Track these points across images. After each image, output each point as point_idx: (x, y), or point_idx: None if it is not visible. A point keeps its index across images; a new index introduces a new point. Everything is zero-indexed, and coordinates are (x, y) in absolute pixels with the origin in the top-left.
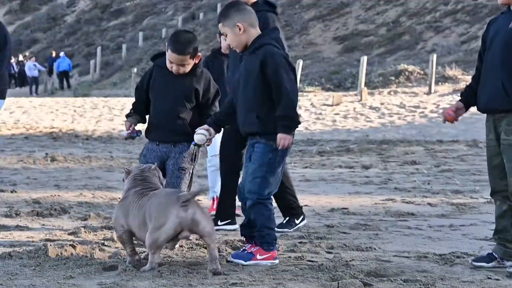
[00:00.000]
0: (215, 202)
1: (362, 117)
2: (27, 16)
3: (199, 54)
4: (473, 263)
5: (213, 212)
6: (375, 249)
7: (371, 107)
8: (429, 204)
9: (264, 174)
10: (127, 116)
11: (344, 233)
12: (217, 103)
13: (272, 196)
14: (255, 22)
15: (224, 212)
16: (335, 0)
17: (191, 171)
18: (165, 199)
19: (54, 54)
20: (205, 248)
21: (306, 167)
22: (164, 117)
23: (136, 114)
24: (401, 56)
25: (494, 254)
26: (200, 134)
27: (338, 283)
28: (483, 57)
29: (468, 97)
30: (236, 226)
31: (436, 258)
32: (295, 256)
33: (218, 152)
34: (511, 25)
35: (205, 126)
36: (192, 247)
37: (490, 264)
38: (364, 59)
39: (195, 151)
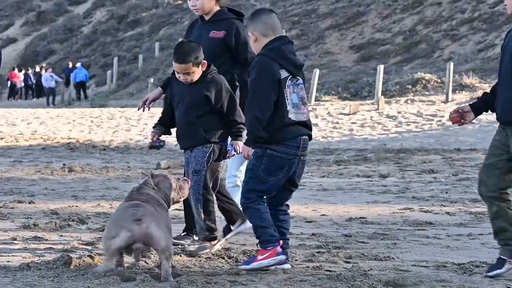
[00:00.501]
0: None
1: (379, 126)
2: (43, 27)
3: (204, 61)
4: (487, 274)
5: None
6: (393, 258)
7: (388, 116)
8: (447, 213)
9: (248, 179)
10: (154, 126)
11: (362, 242)
12: (236, 107)
13: (262, 196)
14: (269, 31)
15: (228, 216)
16: (351, 9)
17: (204, 173)
18: (120, 213)
19: (71, 65)
20: (223, 258)
21: (323, 176)
22: (181, 125)
23: (162, 125)
24: (418, 64)
25: (502, 257)
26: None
27: None
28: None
29: (479, 103)
30: (250, 224)
31: (455, 268)
32: (313, 266)
33: (236, 172)
34: None
35: None
36: (210, 258)
37: (503, 269)
38: (381, 67)
39: (210, 152)
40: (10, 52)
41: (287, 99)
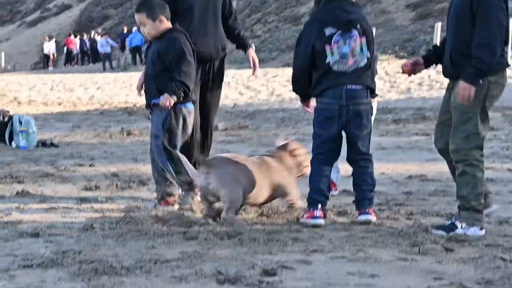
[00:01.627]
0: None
1: (437, 84)
2: None
3: (162, 17)
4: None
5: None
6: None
7: None
8: (509, 169)
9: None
10: None
11: (423, 199)
12: (182, 68)
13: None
14: None
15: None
16: None
17: (162, 137)
18: None
19: (125, 30)
20: (282, 215)
21: (382, 136)
22: (145, 83)
23: None
24: None
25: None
26: None
27: (419, 248)
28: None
29: (430, 56)
30: None
31: None
32: (375, 223)
33: None
34: None
35: None
36: (270, 216)
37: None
38: (438, 25)
39: (166, 116)
40: (66, 19)
41: (332, 52)
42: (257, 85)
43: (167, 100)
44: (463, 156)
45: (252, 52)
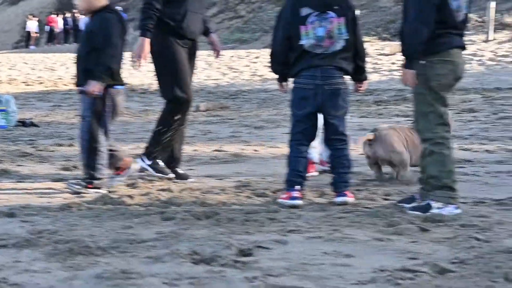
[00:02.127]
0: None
1: None
2: None
3: None
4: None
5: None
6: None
7: None
8: (487, 151)
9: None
10: None
11: (401, 180)
12: (109, 51)
13: (298, 132)
14: None
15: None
16: None
17: (88, 119)
18: None
19: None
20: (260, 196)
21: (362, 117)
22: (76, 61)
23: None
24: None
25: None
26: None
27: (395, 228)
28: None
29: None
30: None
31: (493, 203)
32: (352, 203)
33: None
34: None
35: None
36: (249, 196)
37: (409, 205)
38: None
39: (94, 98)
40: None
41: (307, 33)
42: (240, 65)
43: (93, 87)
44: (428, 135)
45: (214, 36)
